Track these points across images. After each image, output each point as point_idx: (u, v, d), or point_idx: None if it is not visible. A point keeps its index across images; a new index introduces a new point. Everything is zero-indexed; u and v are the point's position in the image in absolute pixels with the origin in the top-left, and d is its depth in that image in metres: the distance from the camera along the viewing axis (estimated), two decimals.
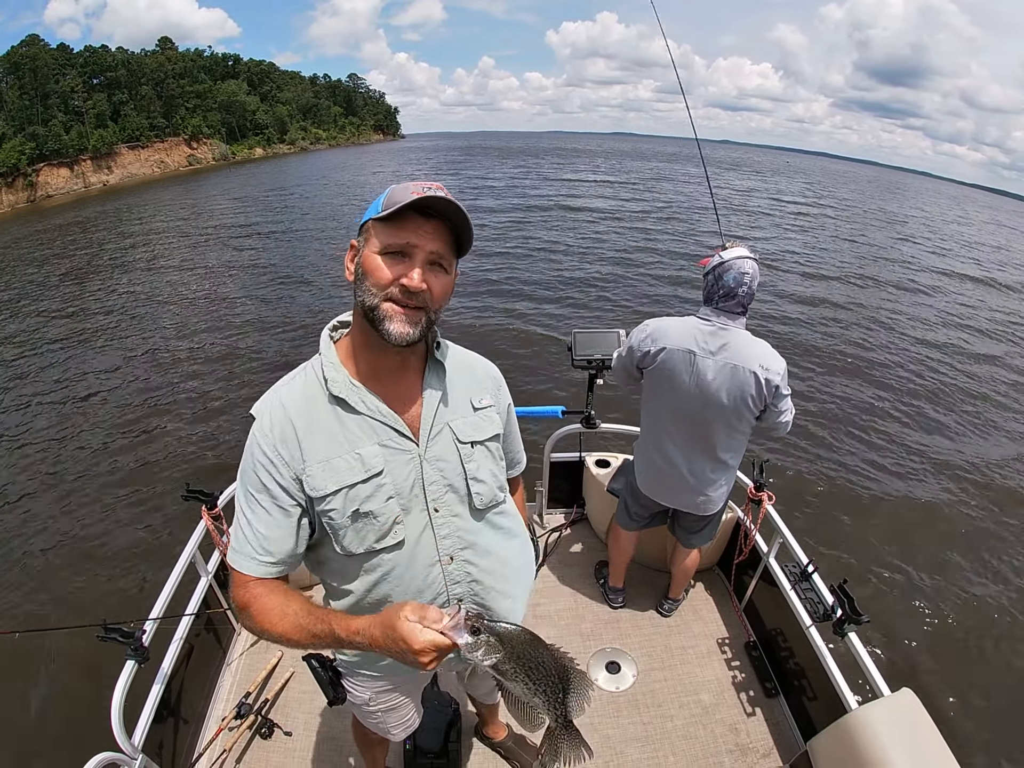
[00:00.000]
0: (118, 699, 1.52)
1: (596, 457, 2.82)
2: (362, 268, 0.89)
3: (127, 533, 4.39)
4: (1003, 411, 6.77)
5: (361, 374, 0.96)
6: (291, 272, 11.98)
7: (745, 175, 45.47)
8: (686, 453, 1.99)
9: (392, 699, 1.28)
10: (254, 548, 0.93)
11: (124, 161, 43.85)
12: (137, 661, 1.59)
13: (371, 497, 0.93)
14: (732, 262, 1.78)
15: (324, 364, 0.95)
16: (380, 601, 1.00)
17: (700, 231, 16.68)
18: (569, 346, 2.45)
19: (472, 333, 8.05)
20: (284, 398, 0.94)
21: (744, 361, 1.79)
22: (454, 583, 1.03)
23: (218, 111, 58.75)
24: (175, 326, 9.06)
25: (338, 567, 1.01)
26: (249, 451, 0.94)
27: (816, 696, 1.96)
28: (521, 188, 26.33)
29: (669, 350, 1.86)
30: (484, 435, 1.05)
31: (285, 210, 20.66)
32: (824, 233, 18.84)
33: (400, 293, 0.87)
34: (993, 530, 4.55)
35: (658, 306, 9.48)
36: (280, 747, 1.97)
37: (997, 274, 15.38)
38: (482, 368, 1.14)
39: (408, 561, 0.99)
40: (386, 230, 0.86)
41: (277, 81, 75.25)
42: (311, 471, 0.91)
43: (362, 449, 0.92)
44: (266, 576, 0.94)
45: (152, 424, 6.05)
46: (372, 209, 0.90)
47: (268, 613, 0.91)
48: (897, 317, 10.07)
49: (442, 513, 1.00)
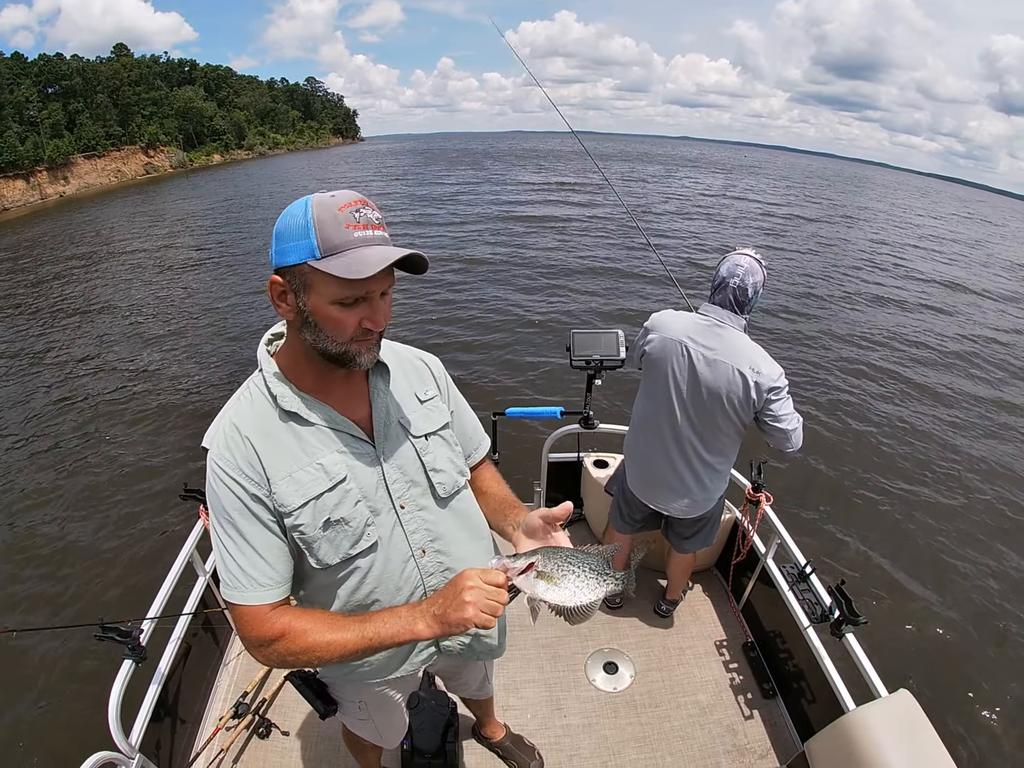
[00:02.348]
0: (115, 698, 1.51)
1: (594, 458, 2.82)
2: (314, 319, 0.85)
3: (125, 533, 4.38)
4: (1009, 414, 6.76)
5: (307, 386, 0.94)
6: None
7: (703, 171, 45.04)
8: (670, 452, 1.97)
9: (382, 703, 1.28)
10: (258, 577, 0.90)
11: (80, 171, 42.73)
12: (134, 660, 1.59)
13: (340, 504, 0.92)
14: (730, 255, 1.81)
15: (268, 380, 0.93)
16: (366, 605, 1.00)
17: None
18: (568, 346, 2.45)
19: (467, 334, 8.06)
20: (235, 420, 0.92)
21: (734, 360, 1.77)
22: (428, 575, 1.05)
23: (175, 118, 57.75)
24: (168, 333, 9.06)
25: (315, 582, 1.00)
26: (214, 481, 0.90)
27: (814, 697, 1.96)
28: (491, 194, 25.29)
29: (662, 338, 1.88)
30: (435, 425, 1.06)
31: (238, 222, 19.59)
32: (799, 233, 18.74)
33: (363, 334, 0.87)
34: (993, 531, 4.55)
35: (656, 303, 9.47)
36: (277, 747, 1.97)
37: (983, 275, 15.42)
38: (421, 361, 1.14)
39: (384, 562, 0.99)
40: (340, 284, 0.80)
41: (234, 86, 74.22)
42: (276, 487, 0.89)
43: (323, 459, 0.92)
44: (282, 598, 0.92)
45: (150, 423, 6.04)
46: (298, 248, 0.80)
47: (310, 631, 0.88)
48: (893, 318, 10.09)
49: (408, 509, 1.01)
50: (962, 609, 3.77)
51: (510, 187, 27.34)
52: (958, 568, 4.13)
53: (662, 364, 1.89)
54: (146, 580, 3.75)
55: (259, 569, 0.90)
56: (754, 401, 1.78)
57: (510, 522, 1.08)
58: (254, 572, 0.89)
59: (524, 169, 37.59)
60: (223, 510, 0.89)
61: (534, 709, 2.11)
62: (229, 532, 0.90)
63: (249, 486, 0.89)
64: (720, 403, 1.81)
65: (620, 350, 2.39)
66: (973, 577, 4.05)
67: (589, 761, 1.95)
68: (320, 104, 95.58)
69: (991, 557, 4.25)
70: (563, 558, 0.86)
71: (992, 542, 4.42)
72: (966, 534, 4.50)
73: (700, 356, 1.80)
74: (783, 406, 1.80)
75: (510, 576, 0.84)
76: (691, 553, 2.30)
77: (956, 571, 4.10)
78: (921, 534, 4.48)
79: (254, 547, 0.90)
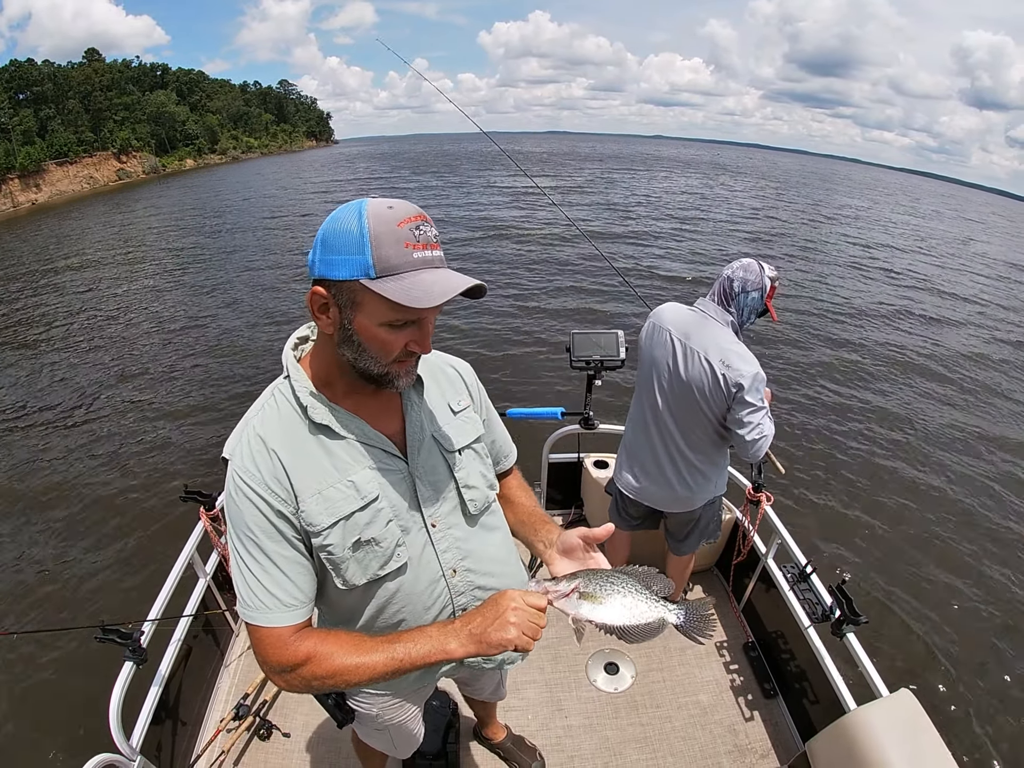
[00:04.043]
0: (116, 700, 1.52)
1: (594, 458, 2.82)
2: (359, 338, 0.80)
3: (125, 534, 4.38)
4: (1013, 415, 6.76)
5: (339, 397, 0.90)
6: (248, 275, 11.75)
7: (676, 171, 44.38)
8: (653, 440, 1.99)
9: (400, 713, 1.25)
10: (284, 597, 0.85)
11: (53, 178, 42.41)
12: (135, 662, 1.59)
13: (371, 524, 0.88)
14: (737, 259, 1.83)
15: (297, 389, 0.88)
16: (392, 625, 0.97)
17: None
18: (568, 347, 2.45)
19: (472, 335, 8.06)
20: (260, 430, 0.86)
21: (705, 351, 1.76)
22: (459, 594, 1.01)
23: (147, 123, 57.37)
24: (160, 343, 9.06)
25: (340, 602, 0.96)
26: (236, 495, 0.85)
27: (815, 697, 1.96)
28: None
29: (652, 326, 1.92)
30: (469, 438, 1.02)
31: (213, 230, 18.82)
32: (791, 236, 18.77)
33: (406, 355, 0.84)
34: (993, 531, 4.55)
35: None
36: (278, 748, 1.97)
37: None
38: (453, 368, 1.09)
39: (413, 582, 0.95)
40: (395, 307, 0.75)
41: (207, 90, 73.87)
42: (305, 506, 0.85)
43: (354, 476, 0.88)
44: (306, 619, 0.88)
45: (150, 426, 6.04)
46: (350, 263, 0.74)
47: (335, 653, 0.84)
48: (891, 316, 10.10)
49: (439, 527, 0.97)
50: (963, 608, 3.76)
51: (487, 192, 26.58)
52: (961, 568, 4.13)
53: (648, 351, 1.93)
54: (146, 582, 3.75)
55: (284, 589, 0.85)
56: (724, 398, 1.75)
57: (541, 538, 1.04)
58: (279, 592, 0.84)
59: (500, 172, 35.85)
60: (245, 526, 0.84)
61: (535, 710, 2.11)
62: (251, 550, 0.84)
63: (275, 502, 0.84)
64: (693, 394, 1.81)
65: (620, 350, 2.39)
66: (977, 577, 4.05)
67: (590, 762, 1.95)
68: (293, 107, 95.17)
69: (993, 556, 4.25)
70: (604, 578, 0.84)
71: (994, 542, 4.41)
72: (970, 535, 4.50)
73: (680, 344, 1.82)
74: (748, 413, 1.73)
75: (552, 600, 0.82)
76: (687, 555, 2.29)
77: (959, 571, 4.10)
78: (922, 533, 4.48)
79: (279, 566, 0.85)
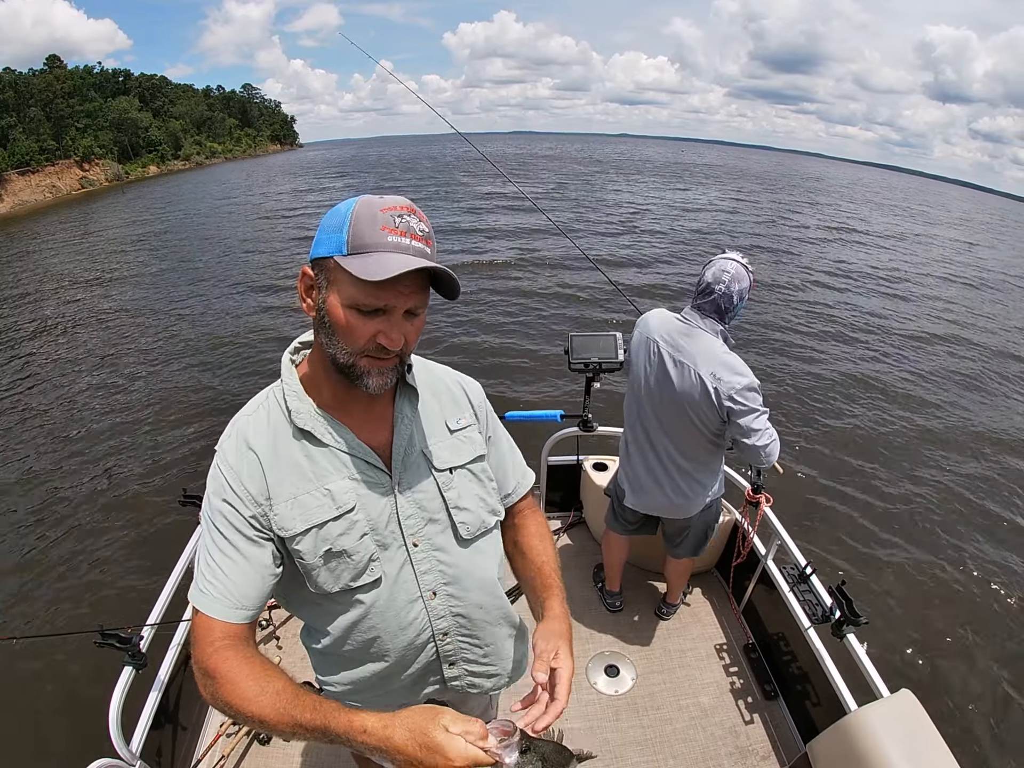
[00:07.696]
0: (115, 705, 1.51)
1: (594, 460, 2.82)
2: (329, 319, 0.79)
3: (124, 538, 4.38)
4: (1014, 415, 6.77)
5: (327, 403, 0.88)
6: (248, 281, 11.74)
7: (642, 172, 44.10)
8: (644, 449, 1.98)
9: None
10: (224, 591, 0.83)
11: (15, 188, 41.20)
12: (135, 667, 1.59)
13: (344, 535, 0.86)
14: (717, 260, 1.77)
15: (287, 393, 0.88)
16: (367, 640, 0.94)
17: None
18: (566, 349, 2.45)
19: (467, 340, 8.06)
20: (247, 430, 0.87)
21: (696, 364, 1.74)
22: (438, 618, 0.97)
23: (110, 130, 56.35)
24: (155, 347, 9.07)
25: (315, 605, 0.94)
26: (213, 485, 0.86)
27: (815, 698, 1.95)
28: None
29: (639, 335, 1.91)
30: (464, 458, 0.97)
31: (179, 238, 18.06)
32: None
33: (376, 350, 0.80)
34: (994, 531, 4.56)
35: None
36: (278, 753, 1.96)
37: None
38: (459, 385, 1.04)
39: (388, 598, 0.92)
40: (357, 285, 0.74)
41: (170, 95, 73.05)
42: (278, 509, 0.84)
43: (332, 484, 0.86)
44: (239, 622, 0.83)
45: (149, 429, 6.03)
46: (330, 240, 0.76)
47: (239, 687, 0.76)
48: (892, 315, 10.12)
49: (421, 547, 0.93)
50: (965, 608, 3.76)
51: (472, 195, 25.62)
52: (962, 568, 4.13)
53: (637, 361, 1.92)
54: (146, 586, 3.74)
55: (225, 584, 0.83)
56: (716, 409, 1.73)
57: (537, 607, 1.01)
58: (222, 584, 0.83)
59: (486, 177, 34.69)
60: (214, 515, 0.85)
61: None
62: (215, 536, 0.85)
63: (247, 500, 0.84)
64: (684, 407, 1.79)
65: (618, 353, 2.38)
66: (976, 576, 4.05)
67: (591, 764, 1.94)
68: (257, 111, 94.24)
69: (995, 557, 4.25)
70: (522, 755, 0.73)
71: (995, 541, 4.42)
72: (969, 533, 4.50)
73: (669, 356, 1.80)
74: (751, 420, 1.72)
75: (499, 758, 0.70)
76: (683, 559, 2.29)
77: (960, 571, 4.10)
78: (922, 533, 4.48)
79: (230, 560, 0.84)
